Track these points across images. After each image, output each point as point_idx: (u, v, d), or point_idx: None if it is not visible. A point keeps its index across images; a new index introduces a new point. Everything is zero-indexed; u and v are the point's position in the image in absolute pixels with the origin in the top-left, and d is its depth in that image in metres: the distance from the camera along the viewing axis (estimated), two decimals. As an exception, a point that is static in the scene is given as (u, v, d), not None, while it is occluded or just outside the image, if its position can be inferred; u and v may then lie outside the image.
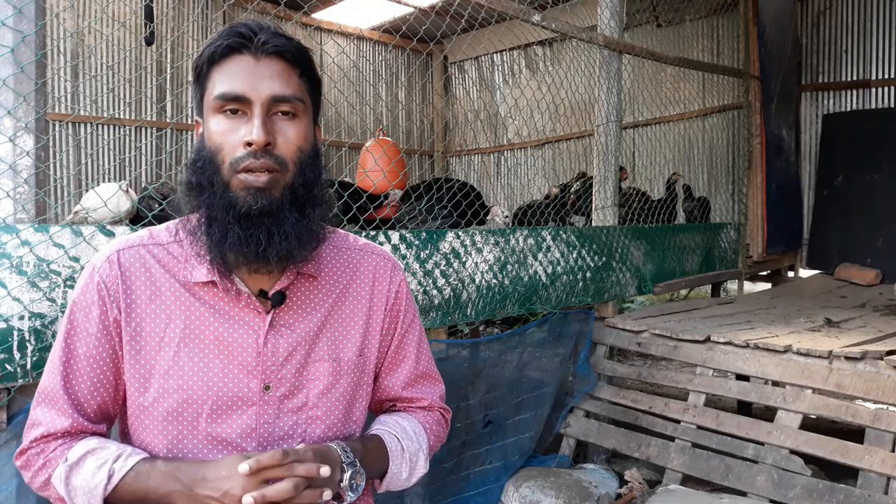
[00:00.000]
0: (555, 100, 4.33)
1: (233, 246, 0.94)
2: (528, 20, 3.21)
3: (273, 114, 0.96)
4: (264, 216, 0.94)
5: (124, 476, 0.93)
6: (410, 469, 1.12)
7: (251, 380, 1.01)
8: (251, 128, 0.93)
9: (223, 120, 0.96)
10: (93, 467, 0.94)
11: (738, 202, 5.26)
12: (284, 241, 0.95)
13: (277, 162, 0.95)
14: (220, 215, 0.94)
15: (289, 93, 0.96)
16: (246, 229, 0.94)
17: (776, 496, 2.68)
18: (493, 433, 3.17)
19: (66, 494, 0.95)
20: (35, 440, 0.99)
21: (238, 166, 0.93)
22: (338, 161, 6.73)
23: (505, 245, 3.07)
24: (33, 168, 1.69)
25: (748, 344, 3.13)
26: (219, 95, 0.95)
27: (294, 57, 0.98)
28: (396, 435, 1.12)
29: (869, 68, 5.73)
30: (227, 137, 0.95)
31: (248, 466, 0.87)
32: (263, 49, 0.96)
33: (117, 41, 5.65)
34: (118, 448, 0.98)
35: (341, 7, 6.39)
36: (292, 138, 0.97)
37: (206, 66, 0.98)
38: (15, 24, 1.64)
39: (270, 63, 0.96)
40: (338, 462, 0.97)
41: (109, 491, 0.93)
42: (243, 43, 0.96)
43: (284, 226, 0.95)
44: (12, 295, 1.61)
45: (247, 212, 0.93)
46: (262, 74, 0.95)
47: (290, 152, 0.97)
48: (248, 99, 0.94)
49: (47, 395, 0.99)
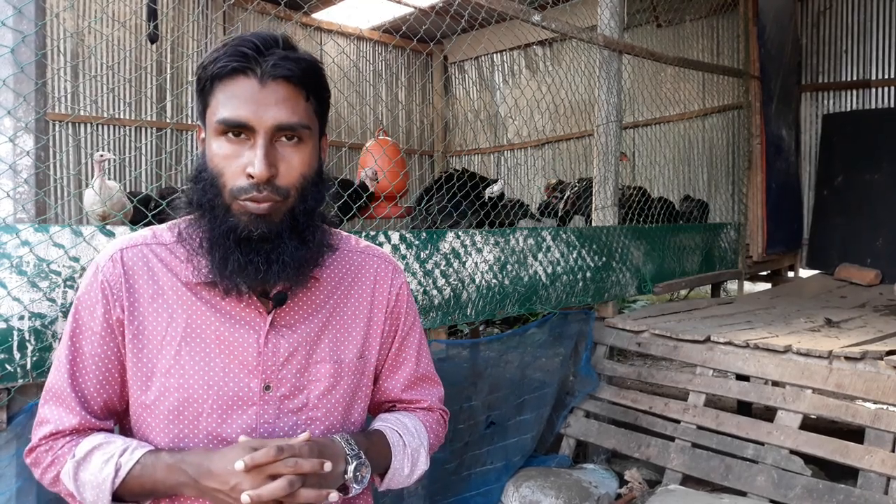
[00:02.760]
0: (555, 100, 4.33)
1: (233, 273, 0.95)
2: (528, 20, 3.21)
3: (277, 140, 0.95)
4: (264, 242, 0.95)
5: (131, 469, 0.94)
6: (412, 465, 1.12)
7: (252, 379, 1.01)
8: (253, 158, 0.92)
9: (225, 143, 0.94)
10: (100, 462, 0.95)
11: (738, 202, 5.26)
12: (283, 270, 0.96)
13: (279, 192, 0.94)
14: (221, 239, 0.95)
15: (294, 121, 0.94)
16: (246, 254, 0.94)
17: (776, 496, 2.68)
18: (495, 434, 3.17)
19: (76, 490, 0.96)
20: (44, 438, 1.00)
21: (239, 196, 0.93)
22: (338, 161, 6.74)
23: (505, 245, 3.07)
24: (33, 168, 1.69)
25: (748, 344, 3.13)
26: (221, 120, 0.93)
27: (301, 80, 0.95)
28: (398, 430, 1.12)
29: (869, 68, 5.73)
30: (230, 163, 0.94)
31: (242, 464, 0.87)
32: (270, 73, 0.93)
33: (117, 41, 5.65)
34: (124, 442, 0.98)
35: (341, 7, 6.39)
36: (296, 166, 0.96)
37: (209, 83, 0.96)
38: (15, 24, 1.64)
39: (276, 88, 0.93)
40: (341, 454, 0.97)
41: (117, 485, 0.94)
42: (248, 66, 0.93)
43: (284, 254, 0.96)
44: (12, 295, 1.61)
45: (247, 236, 0.94)
46: (268, 101, 0.93)
47: (292, 180, 0.96)
48: (251, 127, 0.93)
49: (55, 392, 1.00)
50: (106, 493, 0.94)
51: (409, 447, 1.11)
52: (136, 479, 0.94)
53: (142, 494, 0.96)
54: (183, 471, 0.93)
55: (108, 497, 0.94)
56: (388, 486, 1.11)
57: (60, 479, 0.98)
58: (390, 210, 5.02)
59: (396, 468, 1.09)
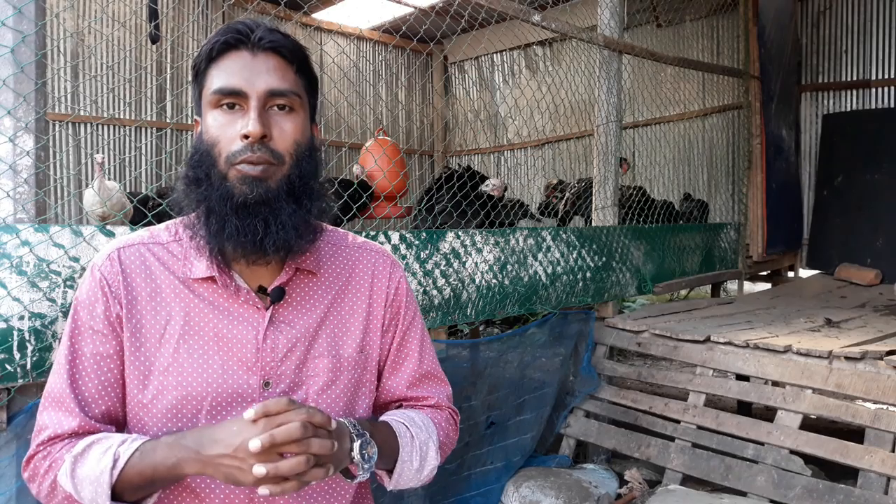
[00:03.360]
0: (555, 100, 4.33)
1: (230, 237, 0.95)
2: (528, 20, 3.21)
3: (269, 108, 0.98)
4: (261, 205, 0.95)
5: (130, 457, 0.90)
6: (421, 459, 1.08)
7: (251, 376, 1.01)
8: (247, 120, 0.95)
9: (220, 114, 0.97)
10: (98, 454, 0.92)
11: (738, 202, 5.26)
12: (281, 230, 0.96)
13: (274, 155, 0.96)
14: (218, 206, 0.95)
15: (285, 87, 0.98)
16: (243, 219, 0.95)
17: (776, 496, 2.68)
18: (495, 434, 3.17)
19: (73, 488, 0.91)
20: (42, 443, 0.96)
21: (235, 159, 0.95)
22: (338, 161, 6.74)
23: (505, 245, 3.07)
24: (33, 168, 1.69)
25: (748, 344, 3.13)
26: (216, 90, 0.96)
27: (290, 53, 1.00)
28: (404, 422, 1.09)
29: (869, 68, 5.73)
30: (224, 131, 0.96)
31: (252, 412, 0.84)
32: (260, 45, 0.97)
33: (117, 41, 5.65)
34: (123, 436, 0.96)
35: (341, 7, 6.39)
36: (289, 131, 0.98)
37: (204, 64, 0.99)
38: (15, 24, 1.64)
39: (267, 58, 0.98)
40: (346, 433, 0.94)
41: (116, 476, 0.89)
42: (240, 39, 0.97)
43: (281, 216, 0.96)
44: (12, 295, 1.61)
45: (243, 201, 0.94)
46: (259, 69, 0.97)
47: (286, 145, 0.98)
48: (244, 93, 0.95)
49: (54, 397, 0.97)
50: (105, 487, 0.89)
51: (416, 439, 1.08)
52: (136, 467, 0.90)
53: (141, 486, 0.91)
54: (183, 446, 0.89)
55: (106, 491, 0.89)
56: (397, 483, 1.07)
57: (58, 481, 0.93)
58: (390, 210, 5.02)
59: (405, 460, 1.05)
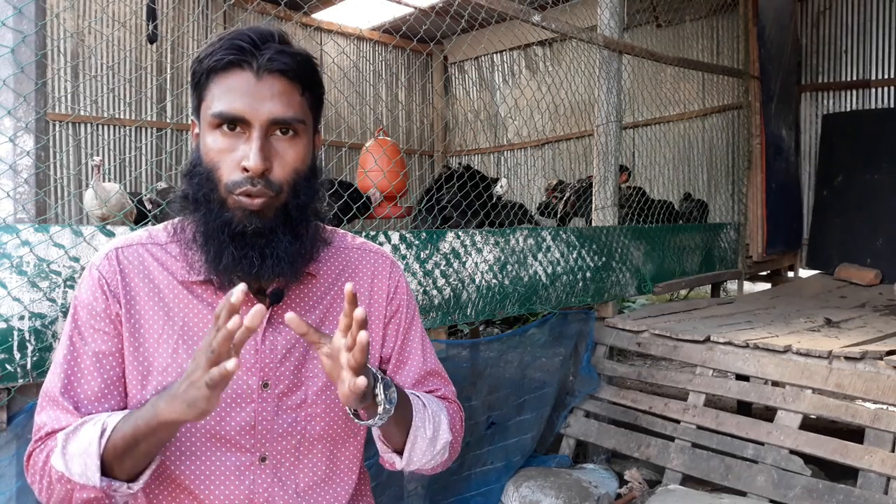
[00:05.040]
0: (555, 100, 4.32)
1: (227, 267, 0.95)
2: (528, 20, 3.21)
3: (272, 133, 0.96)
4: (258, 237, 0.95)
5: (116, 425, 0.89)
6: (434, 428, 1.05)
7: (250, 377, 1.01)
8: (248, 152, 0.92)
9: (220, 137, 0.95)
10: (88, 427, 0.91)
11: (737, 202, 5.25)
12: (277, 264, 0.96)
13: (273, 188, 0.95)
14: (216, 233, 0.95)
15: (290, 115, 0.95)
16: (240, 249, 0.94)
17: (776, 496, 2.68)
18: (495, 434, 3.17)
19: (64, 465, 0.90)
20: (40, 439, 0.96)
21: (234, 189, 0.93)
22: (338, 161, 6.74)
23: (505, 245, 3.07)
24: (33, 168, 1.69)
25: (748, 344, 3.13)
26: (217, 114, 0.94)
27: (296, 74, 0.96)
28: (415, 394, 1.09)
29: (869, 68, 5.72)
30: (225, 157, 0.94)
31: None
32: (266, 67, 0.93)
33: (117, 41, 5.65)
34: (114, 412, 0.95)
35: (341, 7, 6.39)
36: (290, 161, 0.96)
37: (205, 76, 0.96)
38: (15, 24, 1.64)
39: (272, 82, 0.94)
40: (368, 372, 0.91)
41: (104, 445, 0.88)
42: (244, 59, 0.93)
43: (278, 249, 0.96)
44: (12, 295, 1.61)
45: (241, 231, 0.94)
46: (263, 95, 0.93)
47: (286, 175, 0.96)
48: (247, 120, 0.93)
49: (52, 397, 0.97)
50: (94, 458, 0.87)
51: (428, 408, 1.06)
52: (119, 431, 0.88)
53: (127, 452, 0.89)
54: (160, 395, 0.86)
55: (96, 462, 0.87)
56: (410, 457, 1.04)
57: (51, 463, 0.91)
58: (390, 210, 5.02)
59: (418, 427, 1.03)
